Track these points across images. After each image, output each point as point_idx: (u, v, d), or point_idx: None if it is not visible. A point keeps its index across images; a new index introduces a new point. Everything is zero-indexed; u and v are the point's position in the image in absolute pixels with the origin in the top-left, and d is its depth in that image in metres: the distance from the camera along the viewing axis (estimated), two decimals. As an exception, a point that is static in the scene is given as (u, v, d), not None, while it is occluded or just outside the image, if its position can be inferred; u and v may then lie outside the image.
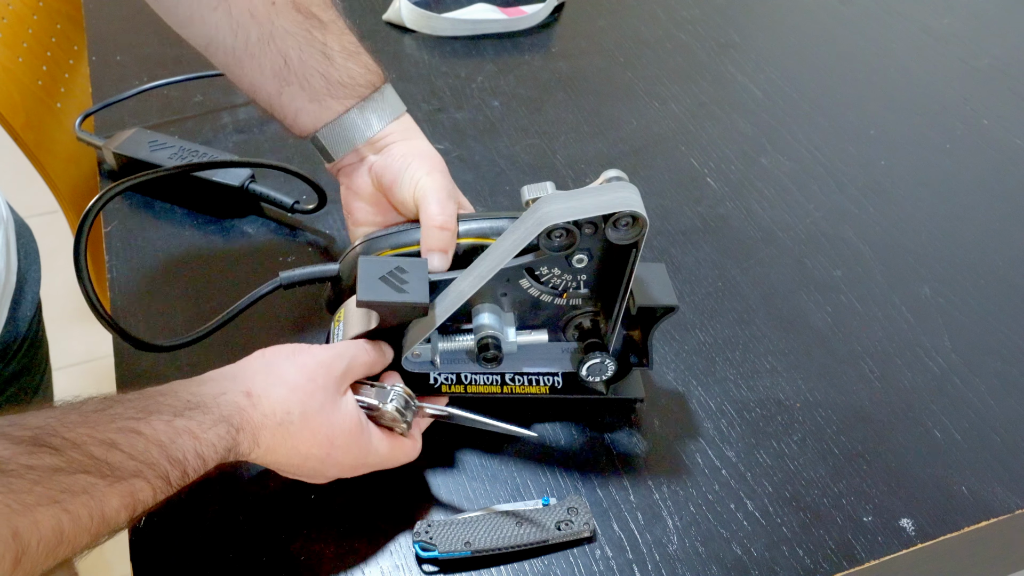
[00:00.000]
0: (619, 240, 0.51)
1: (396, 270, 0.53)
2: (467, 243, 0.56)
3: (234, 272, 0.69)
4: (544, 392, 0.59)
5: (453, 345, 0.56)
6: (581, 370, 0.56)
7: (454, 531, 0.51)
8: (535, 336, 0.56)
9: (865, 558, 0.52)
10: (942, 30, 0.99)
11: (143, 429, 0.43)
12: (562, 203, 0.50)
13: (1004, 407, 0.61)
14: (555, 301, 0.55)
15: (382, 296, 0.52)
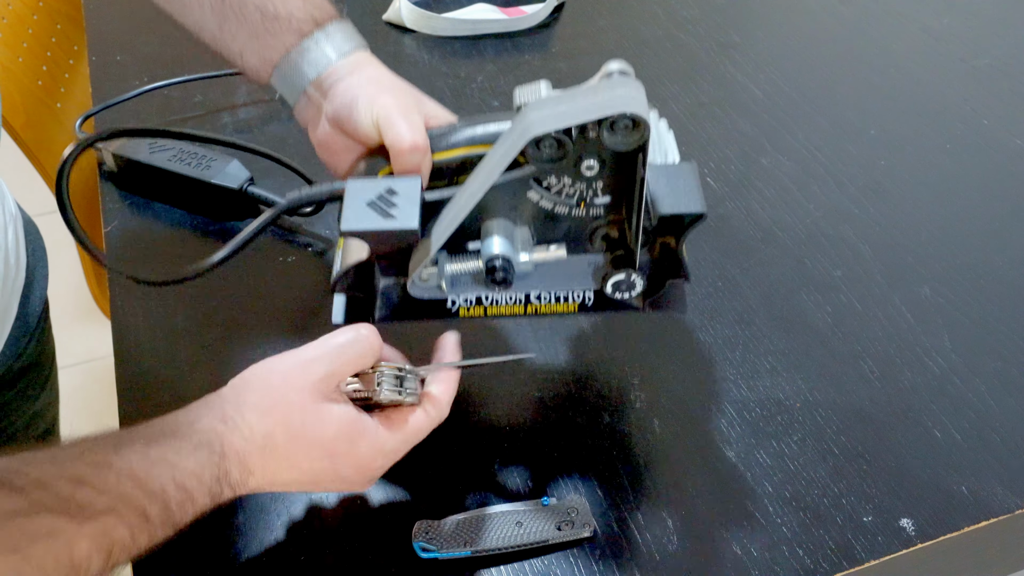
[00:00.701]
0: (618, 146, 0.45)
1: (386, 193, 0.48)
2: (459, 155, 0.51)
3: (234, 272, 0.69)
4: (572, 310, 0.54)
5: (462, 267, 0.50)
6: (606, 287, 0.52)
7: (454, 531, 0.51)
8: (552, 252, 0.50)
9: (865, 558, 0.52)
10: (942, 30, 0.99)
11: (114, 461, 0.40)
12: (549, 109, 0.45)
13: (1004, 407, 0.61)
14: (573, 212, 0.50)
15: (366, 224, 0.47)
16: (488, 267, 0.49)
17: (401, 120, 0.50)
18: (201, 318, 0.65)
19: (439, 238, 0.48)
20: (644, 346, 0.64)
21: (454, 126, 0.52)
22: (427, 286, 0.52)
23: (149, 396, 0.60)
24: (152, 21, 0.96)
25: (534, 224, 0.50)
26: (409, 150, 0.49)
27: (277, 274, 0.69)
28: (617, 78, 0.46)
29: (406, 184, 0.49)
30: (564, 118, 0.44)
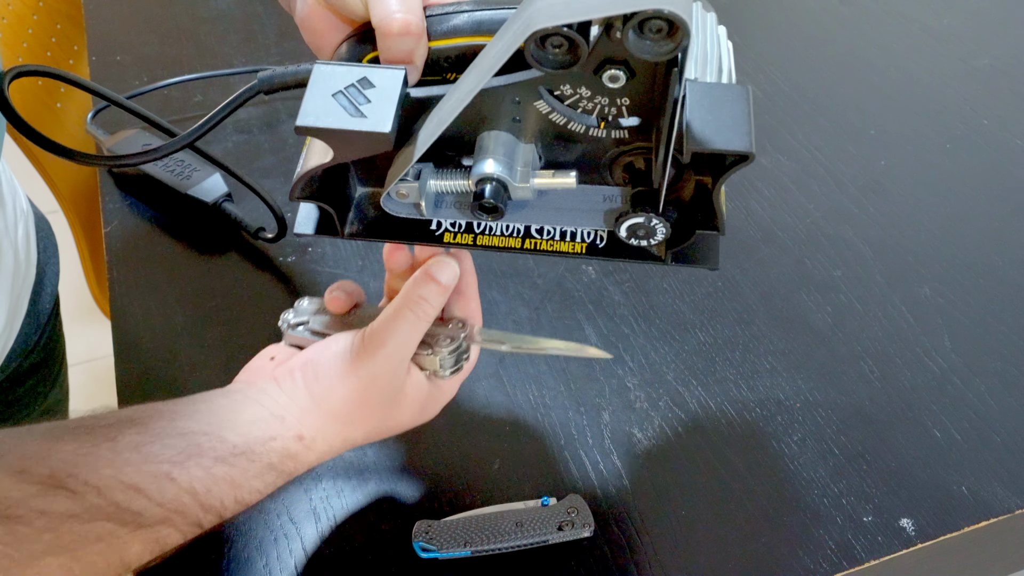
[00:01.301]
0: (645, 54, 0.35)
1: (359, 83, 0.38)
2: (461, 44, 0.40)
3: (234, 272, 0.69)
4: (580, 251, 0.44)
5: (444, 185, 0.42)
6: (619, 230, 0.42)
7: (454, 531, 0.51)
8: (559, 179, 0.41)
9: (865, 558, 0.52)
10: (942, 30, 0.99)
11: (177, 475, 0.39)
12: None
13: (1004, 407, 0.61)
14: (591, 132, 0.40)
15: (327, 120, 0.37)
16: (477, 190, 0.40)
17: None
18: (201, 318, 0.65)
19: (422, 146, 0.39)
20: (644, 345, 0.64)
21: (460, 4, 0.41)
22: (404, 203, 0.43)
23: (149, 396, 0.60)
24: (152, 21, 0.96)
25: (542, 142, 0.41)
26: (399, 33, 0.39)
27: (277, 274, 0.69)
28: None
29: (386, 75, 0.38)
30: (577, 9, 0.33)
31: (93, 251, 1.14)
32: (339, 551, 0.52)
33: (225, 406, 0.44)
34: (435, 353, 0.47)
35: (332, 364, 0.45)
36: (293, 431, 0.44)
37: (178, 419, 0.42)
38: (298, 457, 0.44)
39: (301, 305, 0.51)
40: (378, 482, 0.56)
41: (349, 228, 0.45)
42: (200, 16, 0.97)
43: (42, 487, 0.35)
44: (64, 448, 0.38)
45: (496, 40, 0.37)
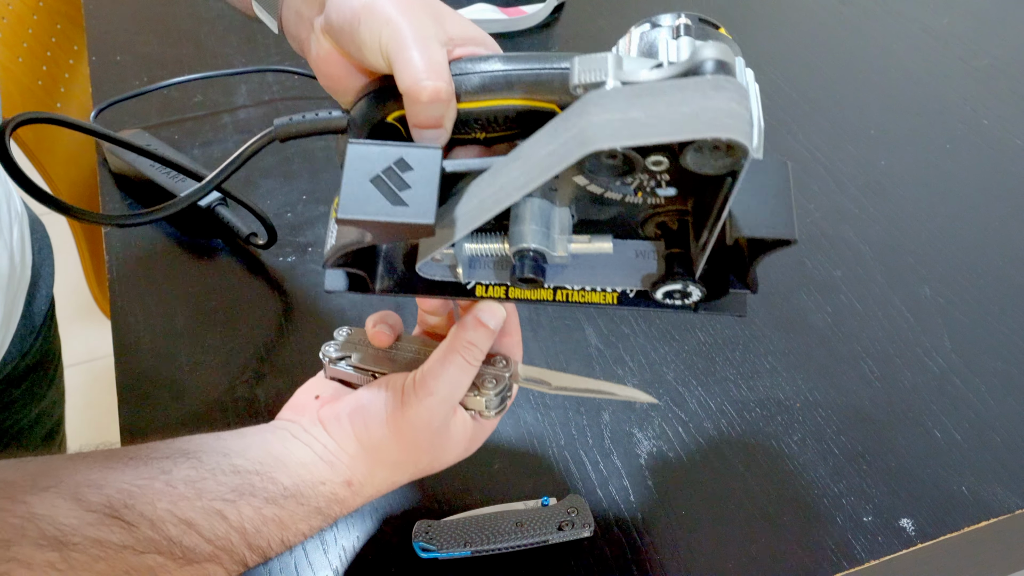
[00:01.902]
0: (703, 168, 0.34)
1: (396, 166, 0.38)
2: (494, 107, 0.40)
3: (234, 272, 0.69)
4: (611, 302, 0.44)
5: (483, 248, 0.42)
6: (656, 294, 0.42)
7: (454, 531, 0.51)
8: (595, 245, 0.41)
9: (865, 558, 0.52)
10: (942, 30, 0.99)
11: (229, 513, 0.40)
12: (619, 112, 0.33)
13: (1004, 407, 0.61)
14: (627, 198, 0.40)
15: (370, 211, 0.37)
16: (515, 262, 0.41)
17: (418, 56, 0.38)
18: (201, 318, 0.65)
19: (461, 227, 0.38)
20: (644, 345, 0.64)
21: (488, 63, 0.40)
22: (439, 266, 0.44)
23: (149, 396, 0.60)
24: (152, 21, 0.96)
25: (577, 204, 0.41)
26: (428, 101, 0.38)
27: (277, 274, 0.69)
28: (711, 78, 0.33)
29: (422, 156, 0.38)
30: (637, 131, 0.32)
31: (93, 251, 1.14)
32: (339, 551, 0.52)
33: (276, 445, 0.44)
34: (481, 395, 0.46)
35: (381, 412, 0.45)
36: (342, 477, 0.44)
37: (231, 456, 0.42)
38: (345, 502, 0.44)
39: (340, 336, 0.50)
40: (378, 482, 0.56)
41: (380, 284, 0.45)
42: (200, 16, 0.97)
43: (98, 516, 0.36)
44: (120, 478, 0.38)
45: (542, 140, 0.36)
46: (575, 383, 0.49)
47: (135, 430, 0.58)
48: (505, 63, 0.40)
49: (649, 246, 0.43)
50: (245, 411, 0.59)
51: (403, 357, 0.48)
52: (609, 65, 0.35)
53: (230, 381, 0.61)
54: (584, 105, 0.34)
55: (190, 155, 0.79)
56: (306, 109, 0.49)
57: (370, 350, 0.49)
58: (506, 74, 0.40)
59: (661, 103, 0.32)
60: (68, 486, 0.36)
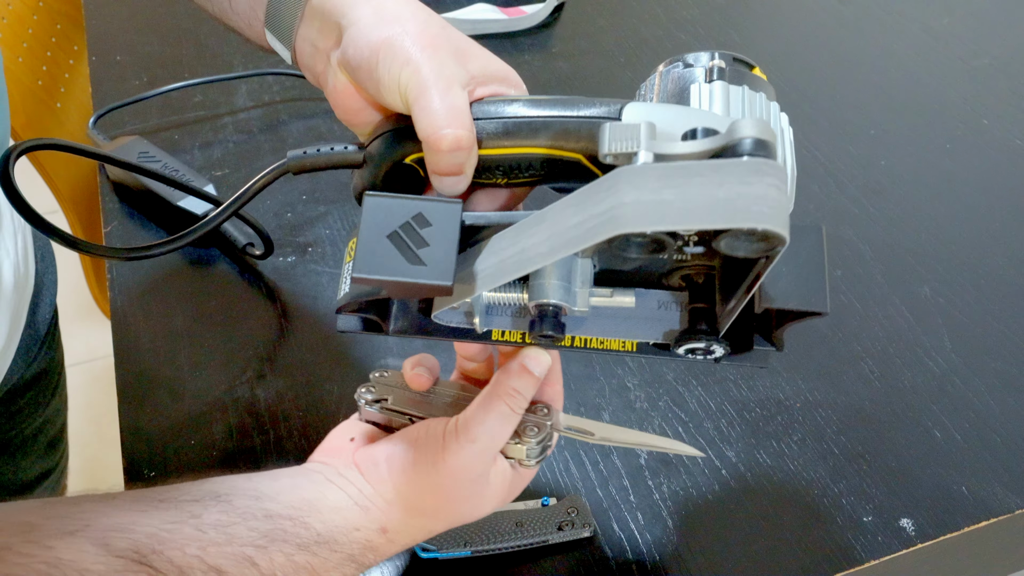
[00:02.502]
0: (736, 252, 0.33)
1: (415, 221, 0.36)
2: (521, 155, 0.39)
3: (234, 273, 0.69)
4: (631, 349, 0.43)
5: (502, 297, 0.41)
6: (678, 350, 0.41)
7: (454, 531, 0.51)
8: (617, 299, 0.41)
9: (865, 558, 0.52)
10: (942, 30, 0.99)
11: (259, 560, 0.38)
12: (651, 193, 0.31)
13: (1004, 407, 0.61)
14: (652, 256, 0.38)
15: (386, 272, 0.36)
16: (535, 316, 0.40)
17: (438, 102, 0.37)
18: (201, 318, 0.65)
19: (480, 284, 0.37)
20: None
21: (513, 105, 0.39)
22: (455, 313, 0.43)
23: (149, 396, 0.60)
24: (152, 21, 0.96)
25: (599, 255, 0.40)
26: (449, 150, 0.37)
27: (276, 274, 0.69)
28: (748, 161, 0.30)
29: (441, 211, 0.37)
30: (670, 216, 0.30)
31: (93, 251, 1.14)
32: (339, 551, 0.52)
33: (309, 489, 0.42)
34: (523, 443, 0.44)
35: (419, 459, 0.43)
36: (377, 523, 0.42)
37: (263, 499, 0.41)
38: (379, 550, 0.42)
39: (376, 378, 0.49)
40: (378, 482, 0.56)
41: (394, 325, 0.44)
42: (200, 16, 0.96)
43: (125, 562, 0.35)
44: (148, 522, 0.37)
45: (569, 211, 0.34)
46: (619, 435, 0.46)
47: (135, 430, 0.58)
48: (529, 108, 0.39)
49: (672, 297, 0.41)
50: (245, 411, 0.59)
51: (441, 401, 0.47)
52: (642, 136, 0.33)
53: (230, 381, 0.61)
54: (615, 182, 0.32)
55: (190, 156, 0.79)
56: (306, 110, 0.49)
57: (407, 393, 0.47)
58: (530, 121, 0.39)
59: (695, 186, 0.30)
60: (95, 530, 0.36)
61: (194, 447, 0.57)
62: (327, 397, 0.60)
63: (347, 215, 0.74)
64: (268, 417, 0.59)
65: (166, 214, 0.72)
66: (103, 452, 1.34)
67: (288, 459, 0.57)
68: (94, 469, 1.39)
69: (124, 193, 0.75)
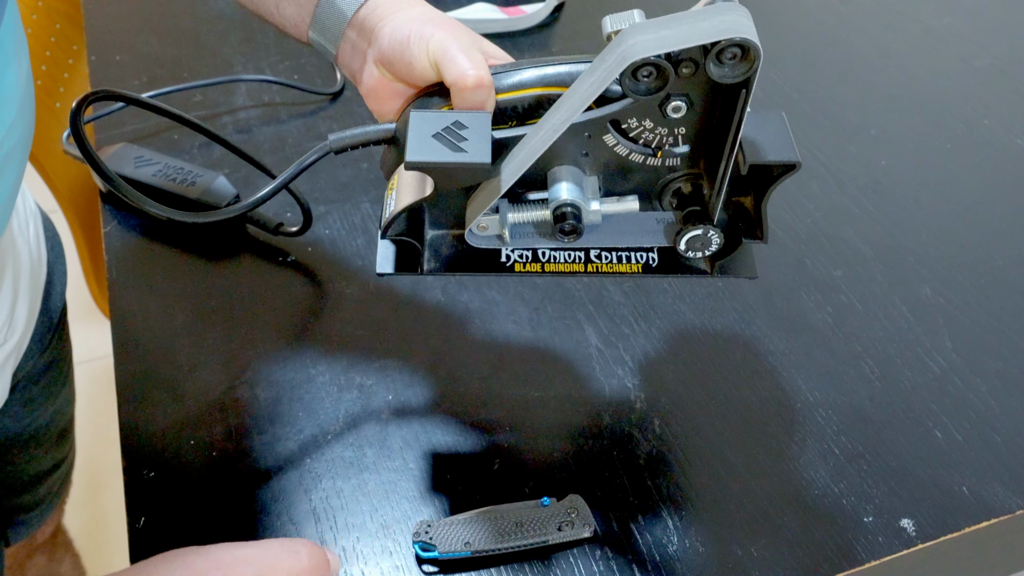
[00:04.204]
0: (724, 78, 0.41)
1: (453, 125, 0.45)
2: (532, 95, 0.47)
3: (234, 272, 0.69)
4: (636, 271, 0.50)
5: (525, 216, 0.48)
6: (679, 244, 0.48)
7: (454, 531, 0.51)
8: (623, 204, 0.47)
9: (866, 558, 0.52)
10: (943, 29, 0.99)
11: None
12: (651, 33, 0.40)
13: (1005, 407, 0.61)
14: (648, 162, 0.46)
15: (434, 156, 0.44)
16: (557, 215, 0.46)
17: (462, 55, 0.46)
18: (201, 318, 0.65)
19: (508, 178, 0.44)
20: (644, 345, 0.64)
21: (519, 64, 0.48)
22: (485, 235, 0.48)
23: (149, 396, 0.60)
24: (152, 21, 0.96)
25: (604, 174, 0.47)
26: (474, 87, 0.45)
27: (276, 274, 0.69)
28: (721, 4, 0.41)
29: (475, 118, 0.45)
30: (669, 42, 0.39)
31: (93, 251, 1.14)
32: (339, 552, 0.52)
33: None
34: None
35: None
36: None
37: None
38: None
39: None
40: (378, 482, 0.56)
41: (427, 265, 0.50)
42: (200, 16, 0.97)
43: None
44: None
45: (583, 79, 0.42)
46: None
47: (135, 430, 0.58)
48: (533, 64, 0.47)
49: (669, 215, 0.48)
50: (245, 411, 0.59)
51: None
52: (635, 13, 0.43)
53: (230, 381, 0.61)
54: (621, 36, 0.41)
55: (190, 155, 0.79)
56: (305, 110, 0.53)
57: None
58: (536, 70, 0.47)
59: (685, 23, 0.40)
60: None
61: (194, 447, 0.57)
62: (327, 398, 0.60)
63: (347, 215, 0.74)
64: (268, 417, 0.59)
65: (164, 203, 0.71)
66: (103, 452, 1.34)
67: (287, 459, 0.57)
68: (94, 469, 1.39)
69: (115, 197, 0.74)
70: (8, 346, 0.64)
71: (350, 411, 0.60)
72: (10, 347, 0.64)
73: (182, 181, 0.71)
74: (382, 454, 0.57)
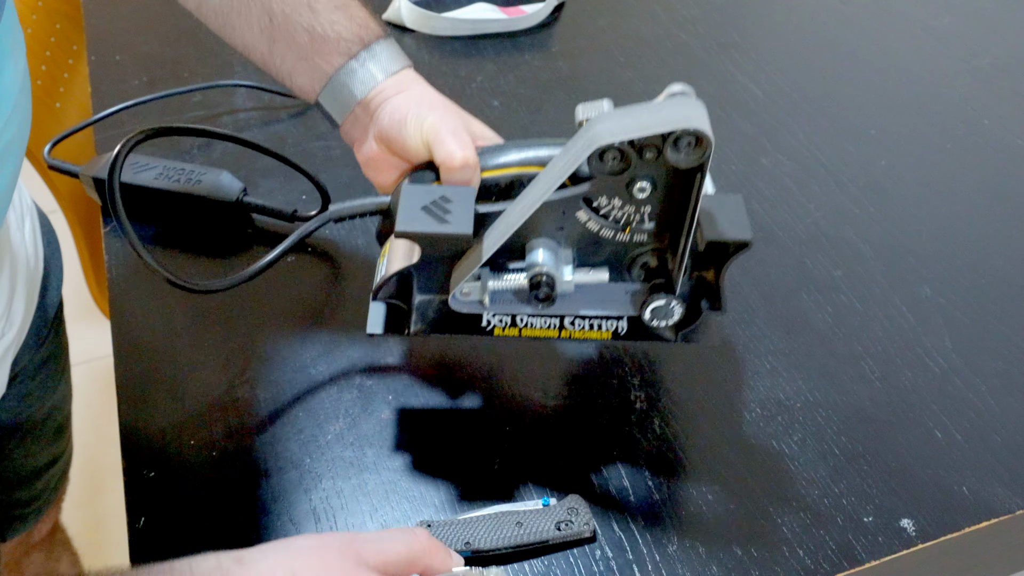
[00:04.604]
0: (680, 163, 0.46)
1: (440, 199, 0.49)
2: (509, 174, 0.52)
3: (234, 272, 0.69)
4: (607, 337, 0.55)
5: (504, 283, 0.51)
6: (644, 313, 0.52)
7: (454, 531, 0.51)
8: (594, 275, 0.51)
9: (866, 558, 0.52)
10: (942, 30, 0.99)
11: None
12: (616, 121, 0.45)
13: (1005, 407, 0.61)
14: (617, 236, 0.51)
15: (422, 226, 0.48)
16: (532, 282, 0.50)
17: (451, 138, 0.52)
18: (201, 318, 0.65)
19: (489, 248, 0.49)
20: (644, 346, 0.64)
21: (503, 146, 0.53)
22: (468, 300, 0.53)
23: (149, 396, 0.60)
24: (152, 21, 0.96)
25: (577, 247, 0.51)
26: (460, 167, 0.51)
27: (277, 274, 0.69)
28: (680, 98, 0.46)
29: (460, 192, 0.50)
30: (631, 130, 0.45)
31: (93, 251, 1.14)
32: (339, 551, 0.52)
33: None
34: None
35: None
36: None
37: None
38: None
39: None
40: (378, 482, 0.56)
41: (414, 327, 0.54)
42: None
43: None
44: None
45: (556, 161, 0.47)
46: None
47: (135, 430, 0.58)
48: (515, 146, 0.53)
49: (636, 286, 0.53)
50: (245, 411, 0.59)
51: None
52: (604, 103, 0.49)
53: (230, 381, 0.61)
54: (591, 123, 0.46)
55: (190, 156, 0.79)
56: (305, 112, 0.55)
57: None
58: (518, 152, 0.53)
59: (646, 113, 0.45)
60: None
61: (194, 447, 0.57)
62: (327, 398, 0.60)
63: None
64: (268, 417, 0.59)
65: (188, 212, 0.71)
66: (103, 452, 1.34)
67: (287, 459, 0.57)
68: (94, 469, 1.39)
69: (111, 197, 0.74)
70: (7, 339, 0.64)
71: (350, 411, 0.60)
72: (8, 340, 0.64)
73: (187, 181, 0.71)
74: (382, 454, 0.57)
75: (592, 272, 0.51)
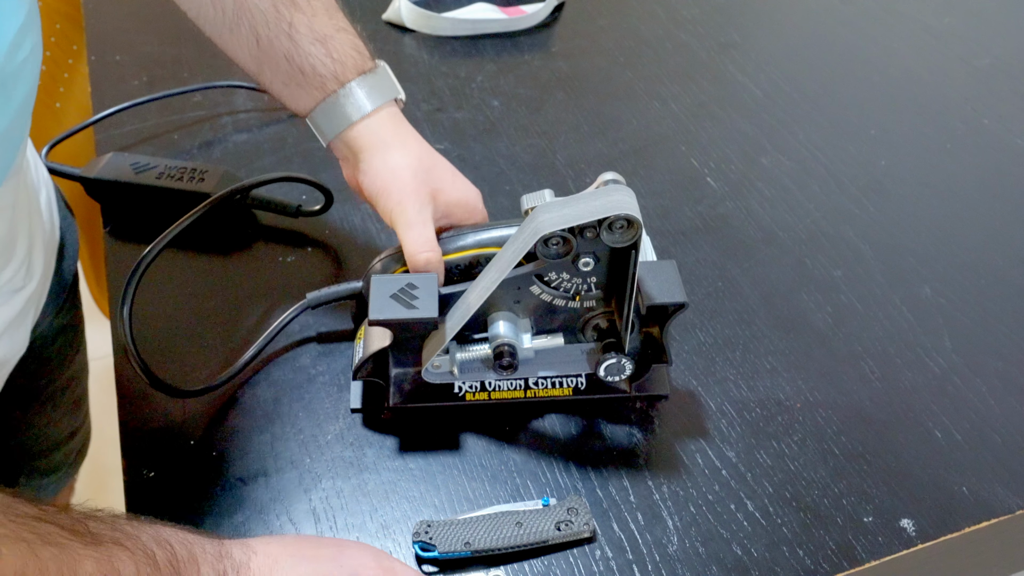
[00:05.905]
0: (616, 243, 0.52)
1: (407, 287, 0.55)
2: (468, 256, 0.57)
3: (234, 273, 0.69)
4: (568, 394, 0.60)
5: (470, 355, 0.56)
6: (599, 371, 0.57)
7: (454, 531, 0.51)
8: (551, 340, 0.57)
9: (866, 558, 0.52)
10: (943, 29, 0.99)
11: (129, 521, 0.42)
12: (556, 211, 0.51)
13: (1005, 407, 0.61)
14: (569, 304, 0.56)
15: (392, 314, 0.54)
16: (496, 352, 0.54)
17: (413, 234, 0.56)
18: (201, 318, 0.65)
19: (453, 326, 0.54)
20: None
21: (461, 232, 0.58)
22: (439, 372, 0.57)
23: (149, 396, 0.60)
24: (152, 21, 0.96)
25: (534, 316, 0.56)
26: (423, 264, 0.55)
27: (277, 275, 0.69)
28: (612, 186, 0.53)
29: (424, 280, 0.55)
30: (569, 219, 0.50)
31: (93, 251, 1.14)
32: (339, 551, 0.52)
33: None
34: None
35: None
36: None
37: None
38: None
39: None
40: (378, 482, 0.56)
41: (392, 400, 0.59)
42: (200, 16, 0.97)
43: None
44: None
45: (508, 246, 0.53)
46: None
47: (135, 430, 0.58)
48: (473, 230, 0.58)
49: (591, 346, 0.58)
50: (245, 411, 0.59)
51: None
52: (546, 193, 0.57)
53: (230, 381, 0.61)
54: (534, 213, 0.52)
55: (190, 155, 0.79)
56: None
57: None
58: (473, 235, 0.58)
59: (582, 202, 0.51)
60: None
61: (194, 447, 0.57)
62: (327, 398, 0.60)
63: (346, 215, 0.74)
64: (268, 417, 0.59)
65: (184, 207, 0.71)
66: (103, 452, 1.34)
67: (287, 459, 0.57)
68: (94, 469, 1.38)
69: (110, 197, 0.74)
70: (27, 291, 0.63)
71: (350, 411, 0.60)
72: (28, 292, 0.63)
73: (190, 179, 0.71)
74: (382, 454, 0.57)
75: (549, 338, 0.57)
